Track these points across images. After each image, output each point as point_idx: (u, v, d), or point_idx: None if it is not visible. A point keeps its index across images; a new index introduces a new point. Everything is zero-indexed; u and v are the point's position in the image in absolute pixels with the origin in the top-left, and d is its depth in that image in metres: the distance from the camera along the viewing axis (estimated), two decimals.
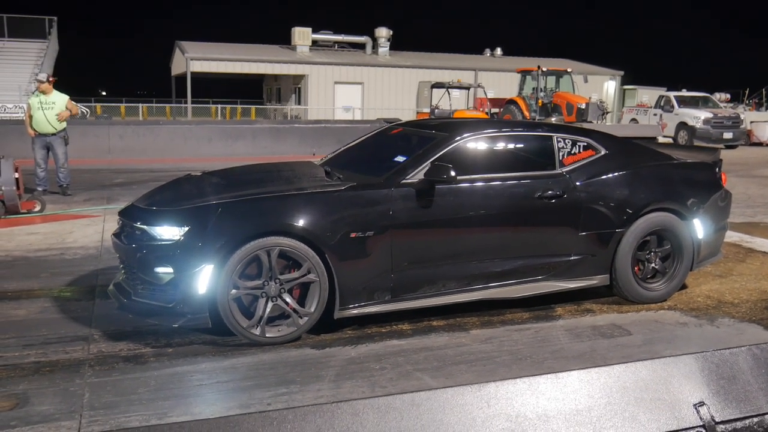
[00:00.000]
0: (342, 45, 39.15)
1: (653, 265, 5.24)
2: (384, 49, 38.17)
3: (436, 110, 21.63)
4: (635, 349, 4.31)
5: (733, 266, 6.44)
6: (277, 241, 4.14)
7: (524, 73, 23.62)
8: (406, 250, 4.48)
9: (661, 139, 21.39)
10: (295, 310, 4.25)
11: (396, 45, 39.14)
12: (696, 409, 2.39)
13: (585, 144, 5.23)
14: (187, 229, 4.10)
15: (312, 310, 4.27)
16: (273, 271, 4.17)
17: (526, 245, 4.87)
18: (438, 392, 2.05)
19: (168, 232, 4.13)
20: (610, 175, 5.10)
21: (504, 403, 2.08)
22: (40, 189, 9.89)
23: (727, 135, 22.68)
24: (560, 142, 5.15)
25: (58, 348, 4.13)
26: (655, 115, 24.93)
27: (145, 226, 4.22)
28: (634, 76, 42.42)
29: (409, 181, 4.55)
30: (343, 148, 5.80)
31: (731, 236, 7.72)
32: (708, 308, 5.16)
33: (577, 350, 4.26)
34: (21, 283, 5.50)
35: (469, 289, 4.72)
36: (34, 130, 9.86)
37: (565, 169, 5.05)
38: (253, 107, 38.00)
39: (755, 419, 2.52)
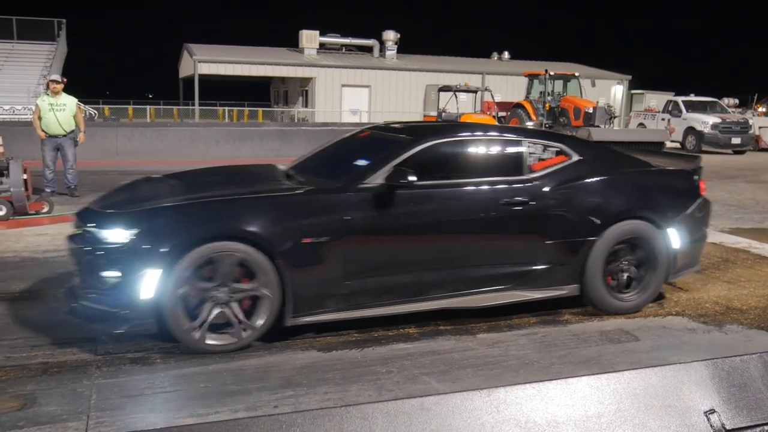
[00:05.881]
0: (349, 48, 39.23)
1: (626, 275, 5.06)
2: (391, 52, 38.23)
3: (444, 113, 21.63)
4: (643, 354, 4.29)
5: (742, 272, 6.41)
6: (227, 246, 4.02)
7: (532, 76, 23.61)
8: (363, 256, 4.35)
9: (668, 144, 21.35)
10: (240, 322, 4.11)
11: (403, 48, 39.24)
12: (707, 416, 2.37)
13: (557, 150, 5.07)
14: (135, 232, 3.97)
15: (258, 324, 4.14)
16: (223, 277, 4.05)
17: (491, 253, 4.72)
18: (447, 397, 2.04)
19: (116, 235, 4.00)
20: (582, 182, 4.94)
21: (513, 409, 2.07)
22: (48, 190, 9.92)
23: (735, 140, 22.58)
24: (530, 147, 4.99)
25: (65, 349, 4.13)
26: (663, 119, 24.86)
27: (94, 229, 4.11)
28: (643, 80, 42.33)
29: (368, 185, 4.41)
30: (313, 152, 5.63)
31: (739, 242, 7.69)
32: (716, 314, 5.13)
33: (585, 355, 4.24)
34: (29, 283, 5.52)
35: (430, 297, 4.56)
36: (45, 131, 9.90)
37: (533, 175, 4.87)
38: (260, 110, 38.11)
39: (766, 427, 2.50)
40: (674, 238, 5.11)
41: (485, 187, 4.72)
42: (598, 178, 5.01)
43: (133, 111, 34.54)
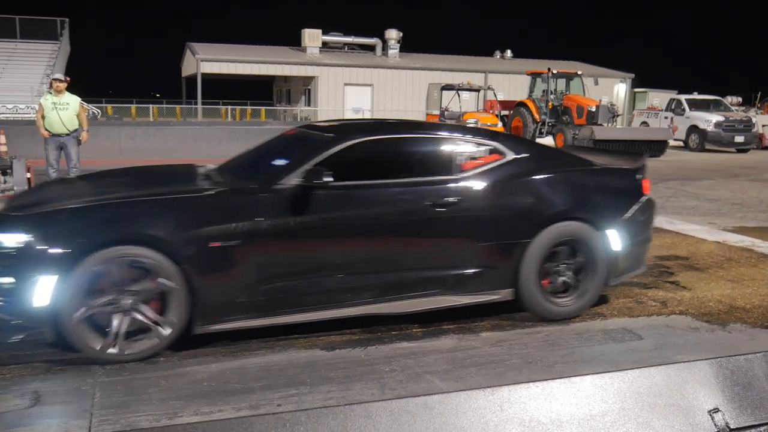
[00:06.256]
0: (352, 47, 39.21)
1: (563, 279, 4.84)
2: (394, 50, 38.21)
3: (446, 112, 21.63)
4: (646, 353, 4.28)
5: (745, 271, 6.39)
6: (128, 251, 3.83)
7: (534, 75, 23.60)
8: (278, 261, 4.15)
9: (672, 143, 21.31)
10: (156, 322, 3.94)
11: (406, 47, 39.19)
12: (711, 415, 2.37)
13: (490, 148, 4.85)
14: (30, 235, 3.76)
15: (127, 351, 3.90)
16: (125, 283, 3.88)
17: (417, 257, 4.52)
18: (451, 395, 2.04)
19: (11, 238, 3.77)
20: (515, 182, 4.74)
21: (517, 408, 2.07)
22: None
23: (739, 138, 22.54)
24: (461, 145, 4.79)
25: (69, 347, 4.13)
26: (666, 118, 24.81)
27: None
28: (646, 79, 42.24)
29: (283, 186, 4.22)
30: (244, 151, 5.40)
31: (743, 241, 7.68)
32: (720, 313, 5.12)
33: (588, 354, 4.24)
34: None
35: (353, 303, 4.37)
36: (48, 130, 9.91)
37: (463, 175, 4.66)
38: (263, 109, 38.11)
39: None
40: (615, 240, 4.89)
41: (410, 187, 4.52)
42: (532, 178, 4.80)
43: (136, 110, 34.56)
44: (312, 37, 37.22)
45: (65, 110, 9.87)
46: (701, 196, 11.50)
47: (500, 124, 20.21)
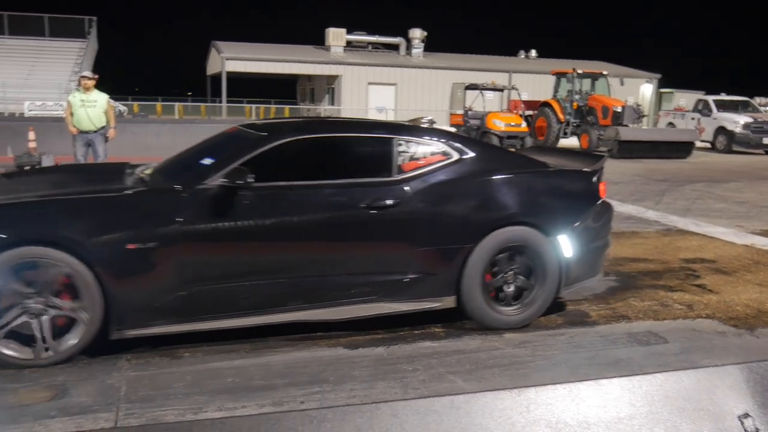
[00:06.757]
0: (376, 46, 39.22)
1: (510, 287, 4.60)
2: (418, 50, 38.15)
3: (470, 112, 21.56)
4: (672, 357, 4.23)
5: None
6: (34, 252, 3.67)
7: (559, 75, 23.42)
8: (200, 264, 3.97)
9: (698, 144, 21.03)
10: (45, 341, 3.76)
11: (430, 46, 39.12)
12: (741, 420, 2.33)
13: (433, 148, 4.61)
14: None
15: (63, 348, 3.79)
16: (36, 286, 3.72)
17: (351, 261, 4.30)
18: (477, 396, 2.04)
19: None
20: (458, 184, 4.52)
21: (544, 409, 2.06)
22: None
23: (767, 140, 22.17)
24: (402, 145, 4.53)
25: (95, 343, 4.18)
26: (692, 119, 24.49)
27: None
28: (673, 79, 41.72)
29: (206, 186, 4.03)
30: (184, 149, 5.17)
31: None
32: (747, 317, 5.04)
33: (613, 357, 4.20)
34: None
35: (283, 309, 4.18)
36: (76, 127, 10.04)
37: (402, 176, 4.44)
38: (286, 107, 38.29)
39: None
40: (566, 246, 4.64)
41: (343, 189, 4.32)
42: (477, 180, 4.58)
43: (162, 107, 34.92)
44: (336, 36, 37.32)
45: (93, 107, 9.98)
46: (728, 199, 11.33)
47: (524, 124, 20.06)
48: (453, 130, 21.78)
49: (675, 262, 6.67)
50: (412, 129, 4.87)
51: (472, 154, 4.69)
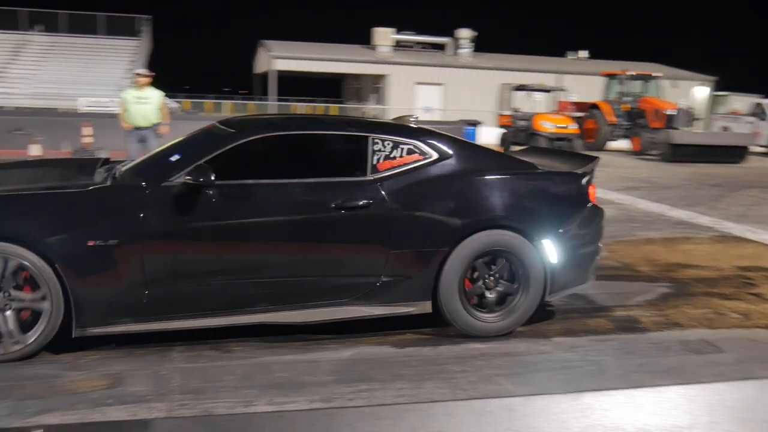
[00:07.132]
0: (423, 46, 39.14)
1: (491, 293, 4.43)
2: (465, 50, 37.94)
3: (518, 113, 21.37)
4: (727, 367, 4.11)
5: None
6: None
7: (609, 76, 23.04)
8: (163, 263, 3.91)
9: (754, 149, 20.42)
10: (11, 335, 3.77)
11: (479, 46, 38.85)
12: None
13: (410, 147, 4.42)
14: None
15: (29, 341, 3.78)
16: None
17: (321, 263, 4.19)
18: (532, 399, 2.01)
19: None
20: (436, 184, 4.36)
21: (600, 415, 2.02)
22: None
23: None
24: (377, 144, 4.36)
25: (149, 334, 4.27)
26: (748, 123, 23.79)
27: None
28: (731, 82, 40.52)
29: (170, 184, 3.97)
30: (165, 145, 4.98)
31: None
32: None
33: (666, 365, 4.09)
34: None
35: (250, 310, 4.09)
36: (129, 123, 10.28)
37: (376, 176, 4.29)
38: (333, 106, 38.50)
39: None
40: (552, 252, 4.44)
41: (313, 188, 4.21)
42: (456, 181, 4.41)
43: (212, 105, 35.52)
44: (383, 36, 37.37)
45: (146, 104, 10.21)
46: None
47: (574, 126, 19.76)
48: (503, 131, 21.66)
49: (730, 270, 6.49)
50: (390, 127, 4.71)
51: (452, 155, 4.52)
